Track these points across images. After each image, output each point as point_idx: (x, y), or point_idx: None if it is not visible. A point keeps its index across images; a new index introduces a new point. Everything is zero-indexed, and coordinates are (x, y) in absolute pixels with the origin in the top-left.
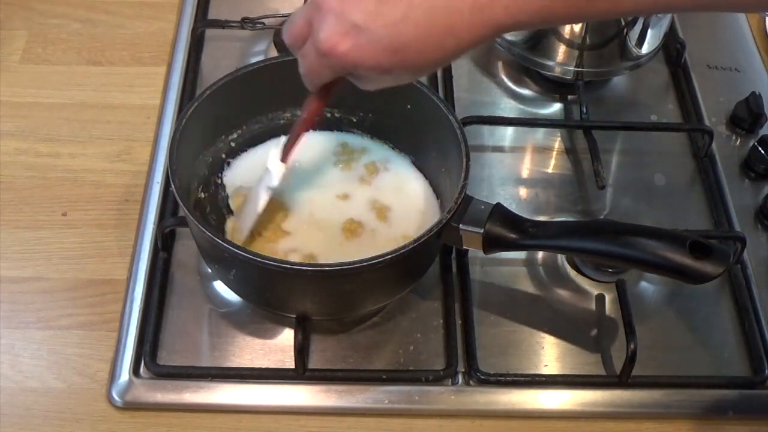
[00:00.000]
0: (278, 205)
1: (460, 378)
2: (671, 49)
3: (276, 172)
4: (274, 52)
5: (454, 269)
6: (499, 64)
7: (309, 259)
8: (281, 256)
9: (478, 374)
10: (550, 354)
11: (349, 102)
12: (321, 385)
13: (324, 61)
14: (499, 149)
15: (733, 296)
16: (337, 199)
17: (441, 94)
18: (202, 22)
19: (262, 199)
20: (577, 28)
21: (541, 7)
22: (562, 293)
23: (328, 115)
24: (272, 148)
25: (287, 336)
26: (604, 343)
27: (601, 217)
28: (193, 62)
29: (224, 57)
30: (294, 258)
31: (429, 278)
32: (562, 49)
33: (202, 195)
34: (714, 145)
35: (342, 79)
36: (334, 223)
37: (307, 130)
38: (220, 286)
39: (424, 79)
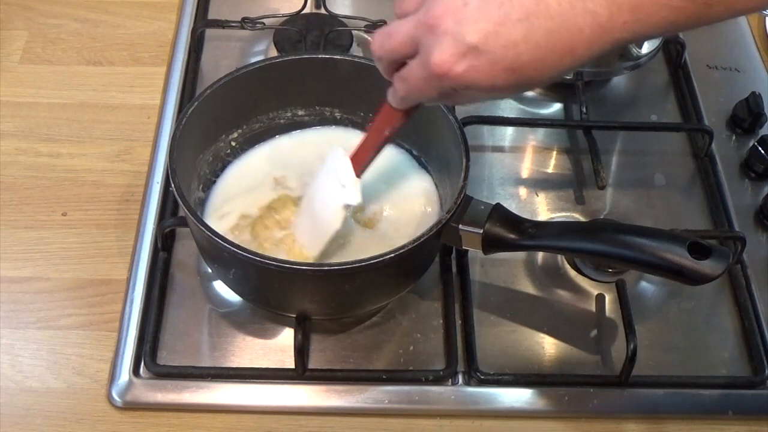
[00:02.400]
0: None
1: (460, 378)
2: (671, 49)
3: (354, 187)
4: (274, 52)
5: (454, 269)
6: None
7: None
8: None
9: (478, 374)
10: (550, 354)
11: (350, 102)
12: (321, 385)
13: (435, 83)
14: (499, 149)
15: (733, 296)
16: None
17: None
18: (202, 22)
19: (340, 217)
20: None
21: (661, 18)
22: (562, 293)
23: (328, 114)
24: (335, 163)
25: (287, 336)
26: (604, 343)
27: (601, 217)
28: (193, 62)
29: (224, 57)
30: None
31: (429, 278)
32: None
33: (202, 195)
34: (714, 145)
35: None
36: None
37: (386, 145)
38: (220, 286)
39: None
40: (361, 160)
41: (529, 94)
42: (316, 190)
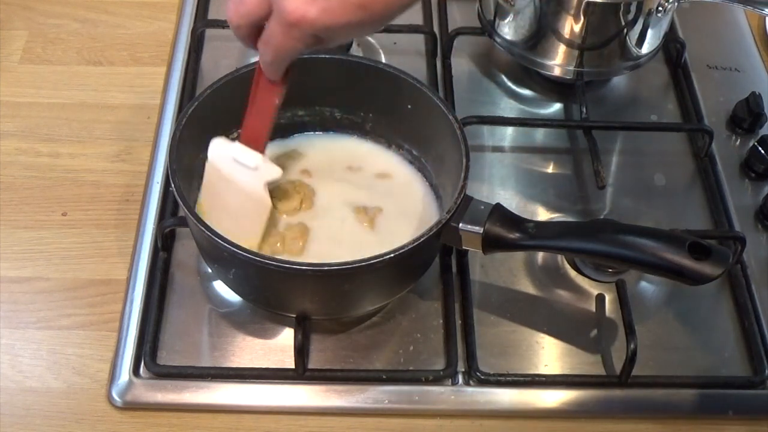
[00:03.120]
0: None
1: (460, 378)
2: (671, 49)
3: (266, 164)
4: None
5: (454, 269)
6: (499, 64)
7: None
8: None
9: (478, 374)
10: (550, 354)
11: (350, 103)
12: (321, 385)
13: (294, 32)
14: (499, 149)
15: (733, 296)
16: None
17: (441, 94)
18: (202, 22)
19: (266, 195)
20: (577, 28)
21: None
22: (562, 293)
23: (328, 114)
24: (226, 153)
25: (287, 336)
26: (604, 343)
27: (601, 217)
28: (193, 62)
29: (224, 57)
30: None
31: (429, 278)
32: (562, 49)
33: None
34: (714, 145)
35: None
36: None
37: (275, 115)
38: (220, 286)
39: (424, 79)
40: (258, 139)
41: (529, 93)
42: (224, 187)
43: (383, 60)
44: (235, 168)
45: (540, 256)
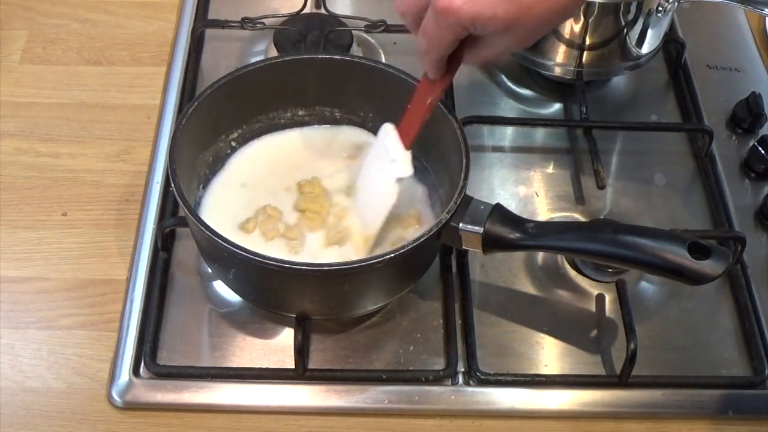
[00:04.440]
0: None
1: (460, 378)
2: (671, 49)
3: (405, 160)
4: (274, 52)
5: (454, 269)
6: (499, 64)
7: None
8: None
9: (478, 374)
10: (550, 354)
11: (350, 102)
12: (321, 385)
13: (441, 20)
14: (499, 149)
15: (733, 296)
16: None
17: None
18: (202, 22)
19: (394, 191)
20: (577, 28)
21: None
22: (562, 293)
23: (328, 114)
24: (383, 140)
25: (287, 336)
26: (604, 343)
27: (601, 217)
28: (193, 62)
29: (224, 57)
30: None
31: (429, 278)
32: (562, 49)
33: (203, 195)
34: (714, 145)
35: (459, 55)
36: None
37: (430, 115)
38: (220, 286)
39: None
40: (408, 133)
41: (529, 93)
42: (368, 168)
43: (383, 60)
44: (381, 154)
45: (540, 256)
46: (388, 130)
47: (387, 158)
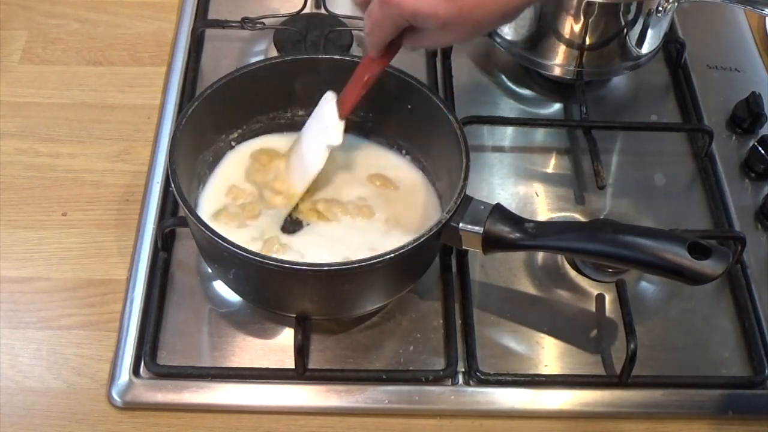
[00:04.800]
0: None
1: (460, 378)
2: (671, 49)
3: (336, 129)
4: (274, 52)
5: (454, 269)
6: (499, 64)
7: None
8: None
9: (478, 374)
10: (550, 354)
11: None
12: (321, 385)
13: (385, 9)
14: (499, 149)
15: (733, 296)
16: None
17: (441, 94)
18: (202, 22)
19: (322, 156)
20: (577, 28)
21: None
22: (562, 293)
23: None
24: (323, 106)
25: (287, 336)
26: (604, 343)
27: (601, 217)
28: (193, 62)
29: (224, 57)
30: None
31: (429, 278)
32: (562, 49)
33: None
34: (714, 145)
35: (399, 40)
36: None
37: (367, 90)
38: (220, 286)
39: (424, 79)
40: (345, 104)
41: (529, 93)
42: (305, 131)
43: None
44: (317, 120)
45: (540, 256)
46: (329, 98)
47: (322, 125)
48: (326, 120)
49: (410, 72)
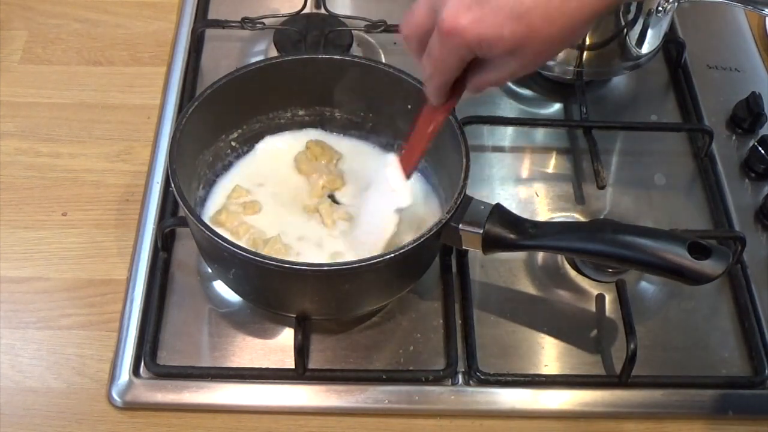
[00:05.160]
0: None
1: (460, 378)
2: (671, 49)
3: (405, 191)
4: (274, 52)
5: (454, 269)
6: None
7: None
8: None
9: (478, 374)
10: (550, 354)
11: (350, 103)
12: (321, 385)
13: (448, 42)
14: (499, 149)
15: (733, 296)
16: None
17: None
18: (202, 22)
19: (392, 220)
20: None
21: None
22: (562, 293)
23: (328, 114)
24: (385, 167)
25: (287, 336)
26: (604, 343)
27: (601, 217)
28: (193, 62)
29: (224, 57)
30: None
31: (429, 278)
32: None
33: (203, 195)
34: (714, 145)
35: (463, 80)
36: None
37: (430, 142)
38: (220, 286)
39: None
40: (409, 162)
41: (529, 93)
42: (368, 199)
43: (383, 60)
44: (382, 183)
45: (540, 256)
46: (389, 161)
47: (387, 188)
48: (392, 183)
49: (410, 72)
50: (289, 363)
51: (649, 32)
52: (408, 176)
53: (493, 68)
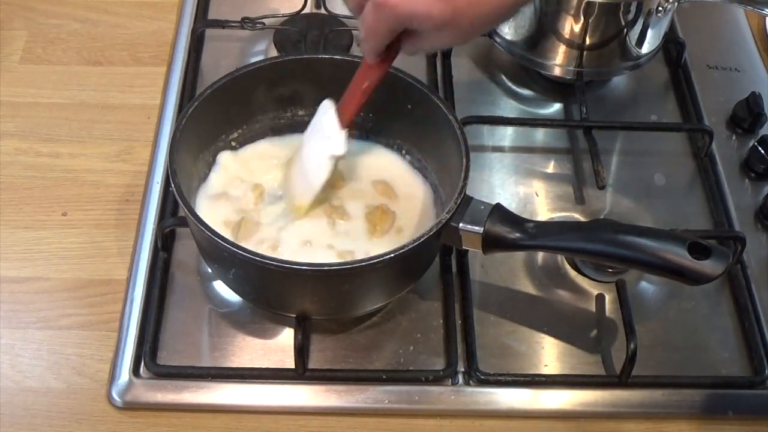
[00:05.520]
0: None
1: (460, 378)
2: (671, 49)
3: (339, 139)
4: (274, 52)
5: (454, 269)
6: (499, 64)
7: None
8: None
9: (478, 374)
10: (550, 354)
11: None
12: (321, 385)
13: (379, 13)
14: (499, 149)
15: (733, 296)
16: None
17: (441, 94)
18: (202, 22)
19: (326, 168)
20: (577, 28)
21: None
22: (562, 293)
23: None
24: (321, 116)
25: (287, 336)
26: (604, 343)
27: (601, 217)
28: (193, 62)
29: (224, 57)
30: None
31: (429, 278)
32: (562, 49)
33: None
34: (714, 145)
35: (398, 44)
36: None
37: (368, 97)
38: (220, 286)
39: (424, 79)
40: (345, 113)
41: (529, 93)
42: (305, 143)
43: None
44: (318, 130)
45: (540, 256)
46: (327, 106)
47: (323, 135)
48: (327, 130)
49: (410, 72)
50: (289, 363)
51: (649, 32)
52: (344, 126)
53: (425, 38)
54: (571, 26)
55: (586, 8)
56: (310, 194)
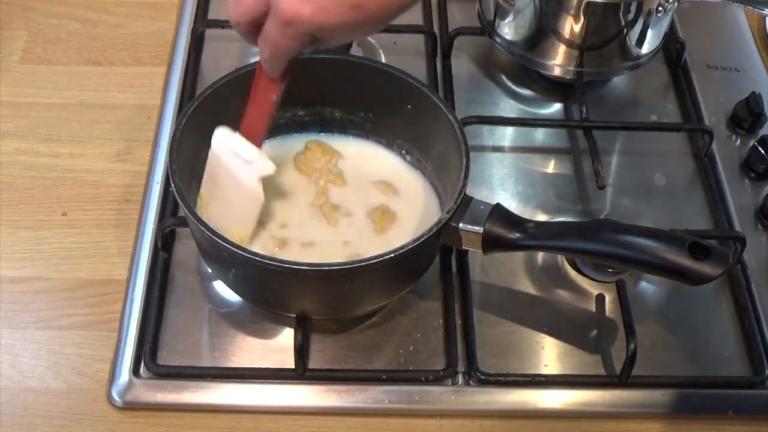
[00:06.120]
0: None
1: (460, 378)
2: (671, 49)
3: (262, 159)
4: None
5: (454, 269)
6: (499, 64)
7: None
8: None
9: (478, 374)
10: (550, 354)
11: (350, 103)
12: (321, 385)
13: (289, 31)
14: (499, 149)
15: (733, 296)
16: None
17: (441, 94)
18: (202, 22)
19: (259, 190)
20: (577, 28)
21: None
22: (562, 293)
23: (328, 114)
24: (228, 145)
25: (287, 336)
26: (604, 343)
27: (601, 217)
28: (193, 62)
29: (224, 57)
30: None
31: (429, 278)
32: (562, 49)
33: None
34: (714, 145)
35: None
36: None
37: (273, 111)
38: (220, 286)
39: (424, 79)
40: (255, 133)
41: (529, 93)
42: (219, 176)
43: (383, 60)
44: (233, 159)
45: (540, 256)
46: (225, 135)
47: (242, 161)
48: (245, 155)
49: (410, 72)
50: (289, 363)
51: (649, 32)
52: (259, 145)
53: (330, 42)
54: (571, 26)
55: (586, 8)
56: (250, 221)
